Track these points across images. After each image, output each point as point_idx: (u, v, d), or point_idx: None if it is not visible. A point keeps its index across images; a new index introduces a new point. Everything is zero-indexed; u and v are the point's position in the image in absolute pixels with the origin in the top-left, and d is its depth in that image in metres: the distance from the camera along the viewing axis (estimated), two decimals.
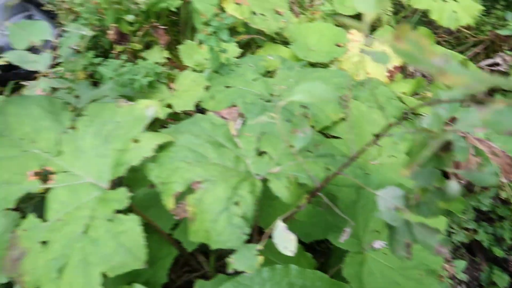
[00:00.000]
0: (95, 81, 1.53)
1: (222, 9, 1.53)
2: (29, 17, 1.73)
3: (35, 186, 0.88)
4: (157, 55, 1.57)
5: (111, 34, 1.43)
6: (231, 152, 0.91)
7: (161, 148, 0.88)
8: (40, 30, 0.85)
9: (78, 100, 1.34)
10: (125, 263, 0.77)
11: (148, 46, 1.68)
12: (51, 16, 1.86)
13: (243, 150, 0.93)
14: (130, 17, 1.44)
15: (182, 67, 1.65)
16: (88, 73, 1.60)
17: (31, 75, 1.41)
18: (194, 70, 1.46)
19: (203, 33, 1.13)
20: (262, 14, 1.61)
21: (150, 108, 0.95)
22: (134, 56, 1.63)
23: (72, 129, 0.95)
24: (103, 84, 1.40)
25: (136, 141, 0.87)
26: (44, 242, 0.83)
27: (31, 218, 0.86)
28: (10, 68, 1.67)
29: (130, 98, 1.35)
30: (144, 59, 1.49)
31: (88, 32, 1.20)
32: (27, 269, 0.81)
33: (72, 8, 1.61)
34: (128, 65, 1.19)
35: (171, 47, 1.72)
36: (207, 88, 1.32)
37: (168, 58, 1.62)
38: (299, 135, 0.88)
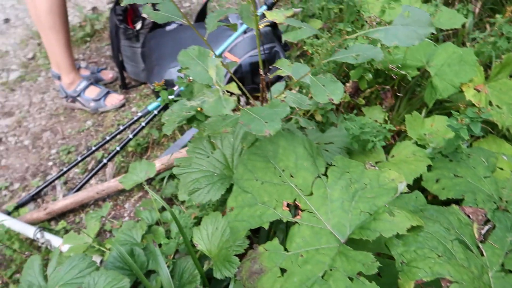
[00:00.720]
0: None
1: (461, 91, 1.52)
2: (272, 48, 2.00)
3: (286, 215, 1.00)
4: (377, 115, 1.63)
5: (348, 86, 1.55)
6: (477, 259, 0.89)
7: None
8: (339, 90, 0.97)
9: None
10: None
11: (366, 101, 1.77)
12: (285, 49, 2.12)
13: (486, 261, 0.90)
14: (369, 76, 1.54)
15: (394, 132, 1.68)
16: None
17: None
18: (415, 143, 1.47)
19: (458, 122, 1.13)
20: (498, 106, 1.54)
21: (402, 183, 0.99)
22: (353, 109, 1.73)
23: (324, 176, 1.06)
24: (327, 128, 1.53)
25: (391, 213, 0.91)
26: (282, 270, 0.93)
27: (275, 243, 0.98)
28: None
29: (349, 151, 1.44)
30: (356, 113, 1.57)
31: None
32: (263, 286, 0.93)
33: (314, 49, 1.80)
34: (368, 125, 1.26)
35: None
36: (429, 167, 1.32)
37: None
38: None
